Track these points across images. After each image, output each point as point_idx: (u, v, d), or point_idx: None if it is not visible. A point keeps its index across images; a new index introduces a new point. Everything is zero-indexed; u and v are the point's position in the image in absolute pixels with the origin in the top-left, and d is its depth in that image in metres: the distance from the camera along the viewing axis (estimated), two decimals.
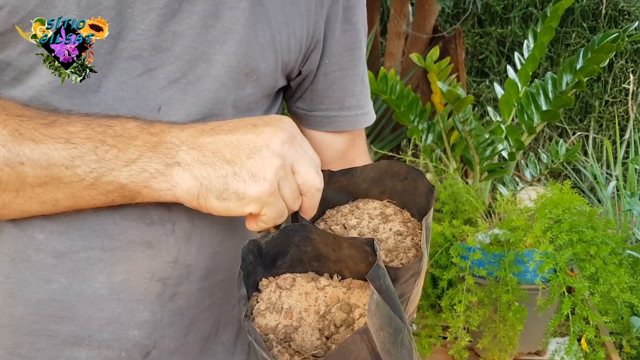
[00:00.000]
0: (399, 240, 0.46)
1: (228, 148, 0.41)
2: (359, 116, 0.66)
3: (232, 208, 0.41)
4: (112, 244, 0.48)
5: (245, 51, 0.52)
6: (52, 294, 0.49)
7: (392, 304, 0.39)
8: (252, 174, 0.40)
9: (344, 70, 0.62)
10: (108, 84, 0.52)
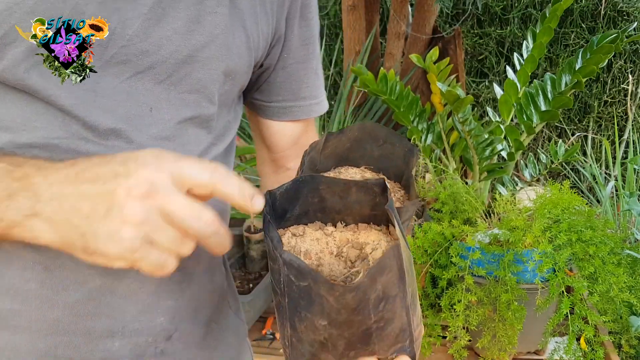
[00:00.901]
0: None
1: (87, 203, 0.39)
2: (313, 105, 0.70)
3: (100, 262, 0.40)
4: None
5: (225, 54, 0.55)
6: (88, 293, 0.51)
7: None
8: (109, 235, 0.38)
9: (300, 64, 0.66)
10: (100, 88, 0.54)
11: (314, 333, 0.41)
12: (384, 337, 0.42)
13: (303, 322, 0.42)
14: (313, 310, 0.40)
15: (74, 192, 0.39)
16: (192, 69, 0.54)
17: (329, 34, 3.14)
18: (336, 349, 0.42)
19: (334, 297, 0.39)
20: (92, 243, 0.39)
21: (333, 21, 3.11)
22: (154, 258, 0.39)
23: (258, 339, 1.52)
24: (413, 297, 0.45)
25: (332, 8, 3.10)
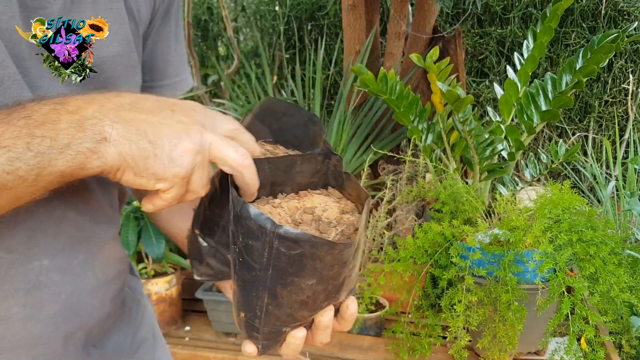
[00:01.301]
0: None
1: (150, 129, 0.43)
2: (178, 83, 0.72)
3: (144, 184, 0.44)
4: (89, 249, 0.56)
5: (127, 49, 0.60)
6: (65, 302, 0.54)
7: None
8: (171, 159, 0.43)
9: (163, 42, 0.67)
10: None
11: (297, 295, 0.46)
12: (349, 282, 0.49)
13: (287, 287, 0.45)
14: (302, 273, 0.44)
15: (135, 118, 0.43)
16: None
17: (329, 33, 3.13)
18: (315, 303, 0.48)
19: (332, 255, 0.44)
20: (153, 165, 0.43)
21: (333, 21, 3.10)
22: (184, 189, 0.45)
23: None
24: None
25: (332, 7, 3.10)
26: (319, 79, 2.00)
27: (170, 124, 0.44)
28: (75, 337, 0.56)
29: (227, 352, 1.46)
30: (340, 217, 0.50)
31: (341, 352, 1.45)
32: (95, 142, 0.42)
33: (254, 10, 3.32)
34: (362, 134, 1.97)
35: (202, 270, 0.57)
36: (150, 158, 0.43)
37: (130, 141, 0.42)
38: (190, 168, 0.44)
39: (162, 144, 0.43)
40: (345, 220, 0.49)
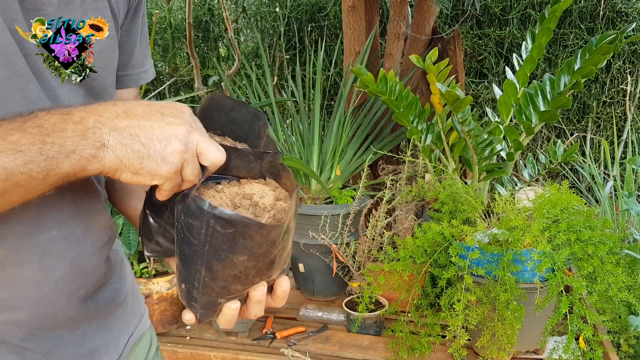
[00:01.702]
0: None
1: (143, 132, 0.50)
2: (141, 74, 0.78)
3: (142, 181, 0.51)
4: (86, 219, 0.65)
5: (112, 44, 0.68)
6: (69, 266, 0.63)
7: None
8: (163, 158, 0.50)
9: (128, 36, 0.74)
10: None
11: (230, 269, 0.52)
12: (280, 262, 0.55)
13: (222, 262, 0.52)
14: (235, 250, 0.51)
15: (129, 125, 0.50)
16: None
17: (329, 34, 3.14)
18: (247, 278, 0.54)
19: (262, 235, 0.50)
20: (147, 164, 0.50)
21: (333, 22, 3.11)
22: (178, 180, 0.53)
23: (258, 339, 1.52)
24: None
25: (332, 9, 3.10)
26: (319, 79, 2.01)
27: (161, 126, 0.50)
28: (76, 295, 0.65)
29: (228, 351, 1.46)
30: (274, 203, 0.57)
31: (341, 351, 1.45)
32: (95, 149, 0.49)
33: (255, 11, 3.33)
34: (362, 134, 1.98)
35: (151, 247, 0.63)
36: (145, 159, 0.50)
37: (126, 145, 0.49)
38: (179, 164, 0.51)
39: (154, 146, 0.50)
40: (278, 206, 0.56)
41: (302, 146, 1.93)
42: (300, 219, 1.68)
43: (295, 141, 1.94)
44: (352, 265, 1.64)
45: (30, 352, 0.63)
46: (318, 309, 1.66)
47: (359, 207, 1.66)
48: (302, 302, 1.74)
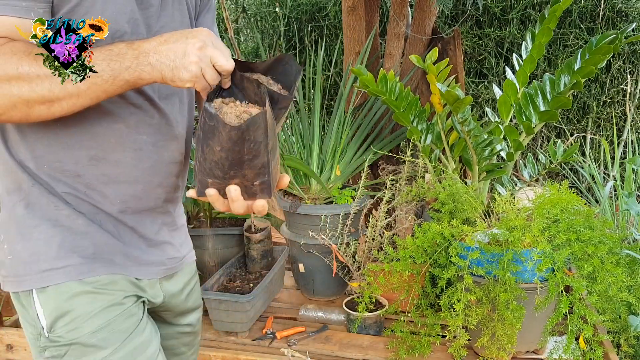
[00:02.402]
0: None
1: (172, 52, 0.73)
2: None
3: (180, 85, 0.74)
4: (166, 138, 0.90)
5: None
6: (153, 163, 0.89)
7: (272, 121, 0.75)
8: (184, 67, 0.73)
9: (205, 25, 0.98)
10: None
11: (212, 154, 0.73)
12: (252, 166, 0.74)
13: (207, 147, 0.73)
14: (214, 140, 0.72)
15: (165, 49, 0.73)
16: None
17: (329, 34, 3.14)
18: (223, 167, 0.74)
19: (225, 132, 0.71)
20: (176, 73, 0.73)
21: (333, 22, 3.11)
22: (203, 82, 0.75)
23: (258, 339, 1.52)
24: (273, 149, 0.75)
25: (332, 9, 3.10)
26: (319, 79, 2.01)
27: (183, 45, 0.73)
28: (156, 190, 0.90)
29: (228, 350, 1.46)
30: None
31: (341, 351, 1.45)
32: (144, 65, 0.73)
33: (255, 11, 3.33)
34: (362, 134, 1.98)
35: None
36: (174, 69, 0.73)
37: (162, 62, 0.73)
38: (197, 71, 0.73)
39: (178, 60, 0.72)
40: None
41: (302, 146, 1.93)
42: (300, 219, 1.68)
43: (295, 141, 1.94)
44: (352, 265, 1.64)
45: (122, 224, 0.87)
46: (318, 309, 1.66)
47: (359, 207, 1.66)
48: (302, 302, 1.74)
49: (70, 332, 0.82)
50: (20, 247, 0.83)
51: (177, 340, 1.03)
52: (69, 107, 0.75)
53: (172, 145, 0.90)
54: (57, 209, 0.83)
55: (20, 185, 0.83)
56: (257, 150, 0.73)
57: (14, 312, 2.08)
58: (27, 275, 0.82)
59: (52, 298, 0.82)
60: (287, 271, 1.90)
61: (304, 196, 1.76)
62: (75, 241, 0.83)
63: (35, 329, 0.83)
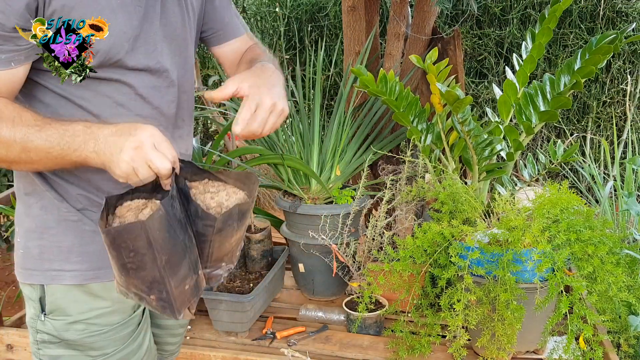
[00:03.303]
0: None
1: (114, 146, 0.74)
2: (236, 28, 1.08)
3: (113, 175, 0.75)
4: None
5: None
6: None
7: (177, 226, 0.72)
8: (117, 163, 0.74)
9: (220, 5, 1.03)
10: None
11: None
12: (138, 277, 0.71)
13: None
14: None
15: (112, 140, 0.74)
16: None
17: (329, 34, 3.14)
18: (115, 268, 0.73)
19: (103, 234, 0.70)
20: (111, 166, 0.74)
21: (333, 22, 3.11)
22: (136, 179, 0.75)
23: (258, 339, 1.52)
24: (170, 265, 0.71)
25: (332, 9, 3.10)
26: (319, 79, 2.01)
27: (123, 142, 0.73)
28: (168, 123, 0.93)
29: (228, 350, 1.46)
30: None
31: (341, 351, 1.45)
32: (90, 152, 0.75)
33: (255, 11, 3.33)
34: (362, 134, 1.98)
35: None
36: (110, 163, 0.74)
37: (105, 154, 0.74)
38: (129, 169, 0.73)
39: (115, 155, 0.74)
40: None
41: (302, 146, 1.93)
42: (300, 219, 1.68)
43: (295, 141, 1.94)
44: (352, 265, 1.64)
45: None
46: (318, 309, 1.66)
47: (359, 207, 1.66)
48: (302, 302, 1.74)
49: (64, 331, 0.88)
50: (32, 244, 0.88)
51: (175, 322, 1.07)
52: (27, 169, 0.81)
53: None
54: (68, 213, 0.87)
55: (35, 188, 0.89)
56: (141, 261, 0.69)
57: (14, 312, 2.08)
58: (35, 271, 0.88)
59: (55, 294, 0.88)
60: (287, 271, 1.90)
61: (304, 196, 1.76)
62: (84, 247, 0.87)
63: (35, 311, 0.90)
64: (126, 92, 0.84)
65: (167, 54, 0.88)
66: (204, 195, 0.78)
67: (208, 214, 0.74)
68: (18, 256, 0.91)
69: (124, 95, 0.84)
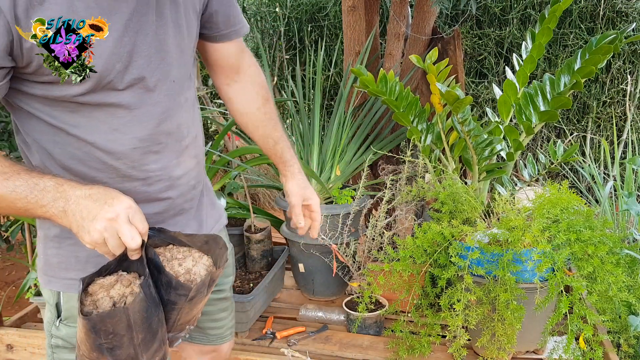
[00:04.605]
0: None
1: (86, 211, 0.73)
2: (239, 29, 1.02)
3: (82, 241, 0.74)
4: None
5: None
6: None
7: (152, 304, 0.73)
8: (88, 230, 0.72)
9: (223, 6, 0.98)
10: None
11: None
12: (113, 355, 0.72)
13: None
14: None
15: (84, 204, 0.73)
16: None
17: (329, 34, 3.14)
18: (85, 345, 0.73)
19: (79, 318, 0.70)
20: (80, 233, 0.73)
21: (333, 22, 3.11)
22: (105, 249, 0.74)
23: (258, 339, 1.52)
24: (145, 342, 0.74)
25: (332, 9, 3.10)
26: (319, 79, 2.01)
27: (98, 210, 0.72)
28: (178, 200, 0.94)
29: None
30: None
31: (341, 351, 1.45)
32: (59, 210, 0.74)
33: (255, 11, 3.32)
34: (362, 134, 1.98)
35: None
36: (80, 228, 0.73)
37: (74, 216, 0.73)
38: (99, 238, 0.72)
39: (87, 222, 0.72)
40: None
41: (302, 146, 1.93)
42: None
43: (295, 141, 1.94)
44: (352, 265, 1.64)
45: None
46: (318, 309, 1.66)
47: (359, 207, 1.66)
48: (302, 302, 1.74)
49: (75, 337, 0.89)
50: (51, 252, 0.90)
51: (214, 307, 1.10)
52: (3, 212, 0.80)
53: (185, 158, 0.93)
54: None
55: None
56: (118, 342, 0.71)
57: (14, 312, 2.08)
58: (54, 278, 0.90)
59: (70, 302, 0.90)
60: (287, 271, 1.90)
61: None
62: (100, 257, 0.87)
63: (52, 315, 0.92)
64: (121, 115, 0.82)
65: (162, 65, 0.84)
66: (172, 263, 0.79)
67: (183, 285, 0.74)
68: (39, 261, 0.92)
69: (119, 118, 0.82)
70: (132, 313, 0.70)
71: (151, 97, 0.83)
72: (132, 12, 0.78)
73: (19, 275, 2.64)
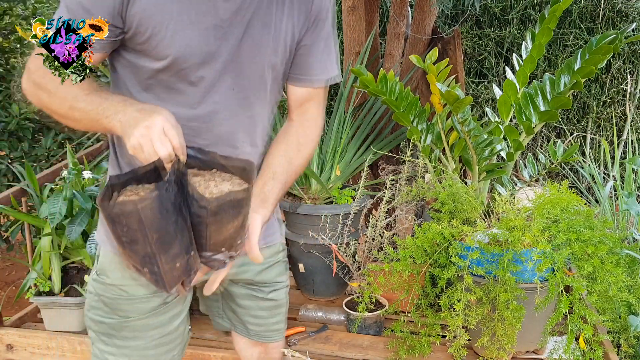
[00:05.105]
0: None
1: (133, 120, 0.83)
2: (317, 79, 1.03)
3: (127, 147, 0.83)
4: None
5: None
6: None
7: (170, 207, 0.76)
8: (129, 136, 0.82)
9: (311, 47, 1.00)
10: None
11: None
12: (133, 250, 0.77)
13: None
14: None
15: (133, 115, 0.83)
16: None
17: None
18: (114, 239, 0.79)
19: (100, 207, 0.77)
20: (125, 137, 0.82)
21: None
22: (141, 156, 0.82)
23: None
24: (161, 242, 0.76)
25: None
26: None
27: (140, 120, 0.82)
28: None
29: (228, 351, 1.46)
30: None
31: (341, 351, 1.45)
32: (117, 121, 0.84)
33: None
34: (362, 134, 1.98)
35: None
36: (125, 134, 0.82)
37: (124, 125, 0.83)
38: (136, 143, 0.81)
39: (132, 129, 0.82)
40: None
41: None
42: (300, 218, 1.68)
43: None
44: (352, 265, 1.64)
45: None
46: (318, 309, 1.66)
47: (359, 207, 1.66)
48: (302, 302, 1.74)
49: (102, 291, 1.00)
50: (102, 230, 1.03)
51: (252, 302, 1.13)
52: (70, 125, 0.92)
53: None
54: None
55: (111, 171, 1.02)
56: (133, 237, 0.75)
57: (14, 312, 2.08)
58: (99, 232, 1.04)
59: (104, 256, 1.01)
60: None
61: (304, 196, 1.76)
62: None
63: (94, 267, 1.03)
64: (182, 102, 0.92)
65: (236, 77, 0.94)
66: (208, 183, 0.82)
67: (202, 196, 0.78)
68: (99, 232, 1.05)
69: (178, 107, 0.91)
70: (142, 209, 0.74)
71: (212, 97, 0.93)
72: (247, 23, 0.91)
73: (19, 275, 2.65)
